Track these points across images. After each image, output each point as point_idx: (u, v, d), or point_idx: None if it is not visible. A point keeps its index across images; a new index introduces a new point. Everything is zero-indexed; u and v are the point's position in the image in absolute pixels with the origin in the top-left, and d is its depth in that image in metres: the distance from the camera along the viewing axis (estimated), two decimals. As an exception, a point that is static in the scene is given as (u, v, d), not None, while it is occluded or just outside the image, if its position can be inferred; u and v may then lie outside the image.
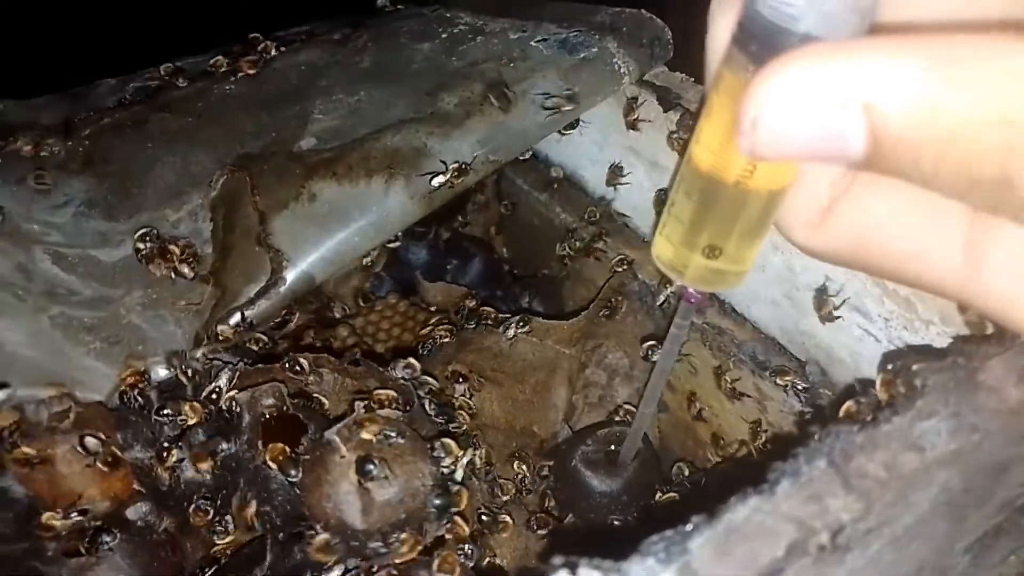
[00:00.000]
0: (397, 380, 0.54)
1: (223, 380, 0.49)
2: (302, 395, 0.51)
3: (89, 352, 0.51)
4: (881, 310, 0.48)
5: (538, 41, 0.64)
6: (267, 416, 0.49)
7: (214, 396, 0.49)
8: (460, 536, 0.47)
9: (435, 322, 0.67)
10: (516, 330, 0.64)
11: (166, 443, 0.49)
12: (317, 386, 0.52)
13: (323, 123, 0.62)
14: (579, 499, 0.57)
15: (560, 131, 0.65)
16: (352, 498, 0.47)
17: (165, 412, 0.49)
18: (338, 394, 0.53)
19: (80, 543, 0.46)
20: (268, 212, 0.57)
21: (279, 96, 0.65)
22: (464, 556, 0.47)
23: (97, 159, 0.62)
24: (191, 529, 0.49)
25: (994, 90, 0.21)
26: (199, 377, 0.51)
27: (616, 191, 0.68)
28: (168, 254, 0.55)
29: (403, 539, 0.45)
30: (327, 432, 0.48)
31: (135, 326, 0.53)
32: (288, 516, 0.49)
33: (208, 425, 0.49)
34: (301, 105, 0.64)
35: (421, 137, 0.59)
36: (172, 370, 0.51)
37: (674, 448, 0.66)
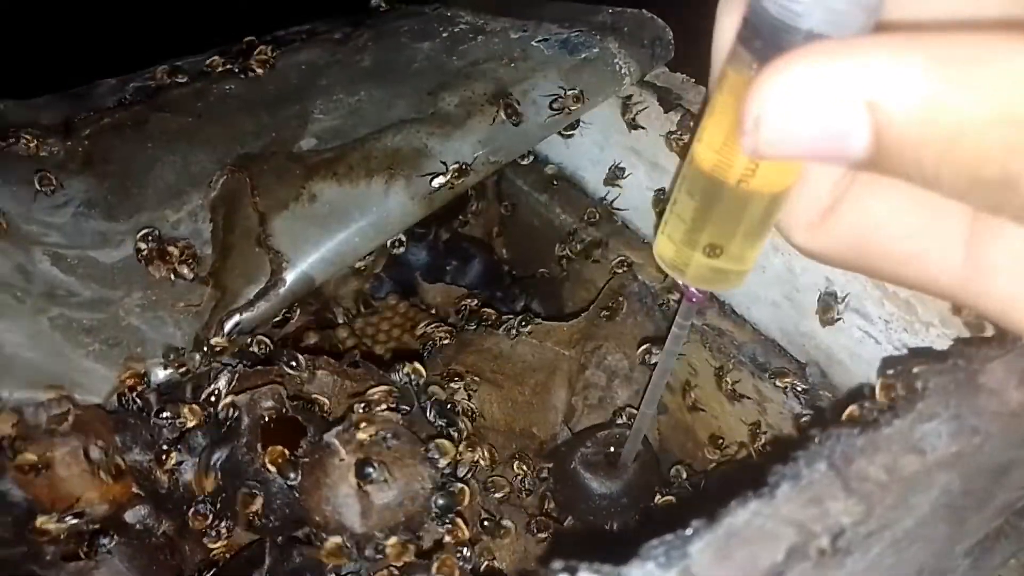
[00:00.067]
0: (400, 385, 0.54)
1: (222, 382, 0.49)
2: (301, 397, 0.51)
3: (88, 354, 0.51)
4: (881, 312, 0.48)
5: (539, 41, 0.64)
6: (266, 418, 0.49)
7: (213, 398, 0.49)
8: (460, 539, 0.47)
9: (435, 324, 0.67)
10: (518, 328, 0.64)
11: (165, 446, 0.49)
12: (316, 388, 0.52)
13: (323, 123, 0.62)
14: (579, 501, 0.57)
15: (561, 132, 0.65)
16: (351, 501, 0.46)
17: (164, 415, 0.49)
18: (337, 396, 0.53)
19: (79, 547, 0.46)
20: (268, 213, 0.57)
21: (279, 96, 0.65)
22: (463, 559, 0.47)
23: (97, 159, 0.62)
24: (190, 532, 0.49)
25: (996, 90, 0.20)
26: (198, 379, 0.51)
27: (616, 191, 0.68)
28: (168, 255, 0.55)
29: (391, 544, 0.45)
30: (326, 435, 0.48)
31: (134, 328, 0.53)
32: (287, 519, 0.49)
33: (207, 428, 0.49)
34: (301, 105, 0.63)
35: (422, 137, 0.58)
36: (171, 371, 0.51)
37: (674, 450, 0.66)
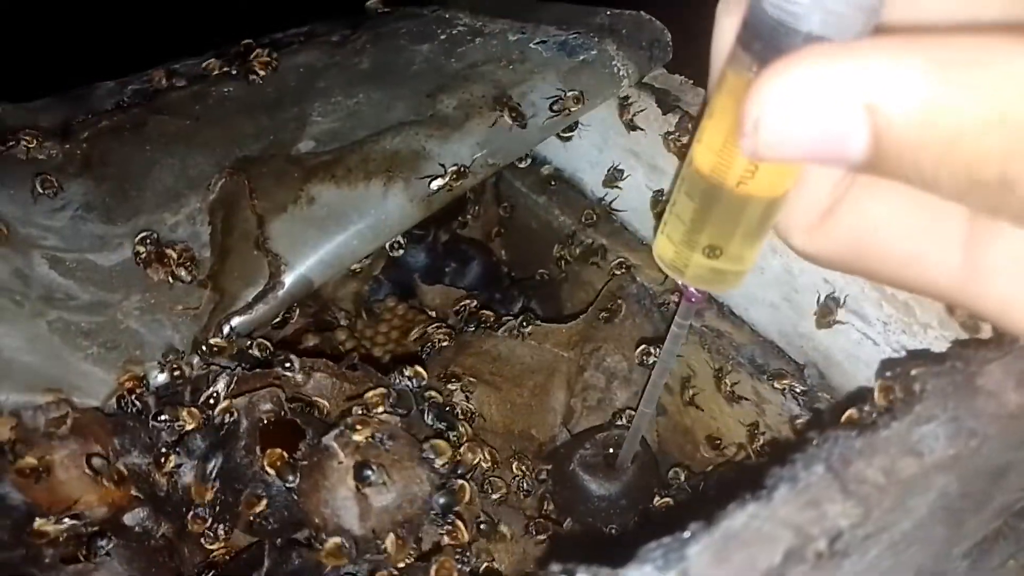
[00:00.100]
0: (397, 385, 0.54)
1: (220, 385, 0.49)
2: (300, 400, 0.51)
3: (87, 357, 0.51)
4: (880, 314, 0.48)
5: (537, 43, 0.64)
6: (265, 421, 0.49)
7: (211, 401, 0.49)
8: (459, 541, 0.47)
9: (435, 325, 0.67)
10: (520, 329, 0.64)
11: (164, 449, 0.49)
12: (315, 391, 0.52)
13: (322, 125, 0.62)
14: (577, 503, 0.57)
15: (559, 134, 0.65)
16: (350, 504, 0.47)
17: (163, 418, 0.49)
18: (336, 399, 0.53)
19: (78, 549, 0.46)
20: (266, 215, 0.57)
21: (278, 98, 0.65)
22: (462, 562, 0.47)
23: (95, 162, 0.62)
24: (189, 535, 0.49)
25: (994, 92, 0.20)
26: (197, 382, 0.51)
27: (615, 193, 0.68)
28: (166, 258, 0.55)
29: (391, 541, 0.45)
30: (325, 438, 0.48)
31: (133, 331, 0.53)
32: (286, 521, 0.49)
33: (206, 431, 0.49)
34: (300, 107, 0.63)
35: (420, 140, 0.58)
36: (169, 374, 0.51)
37: (672, 452, 0.66)
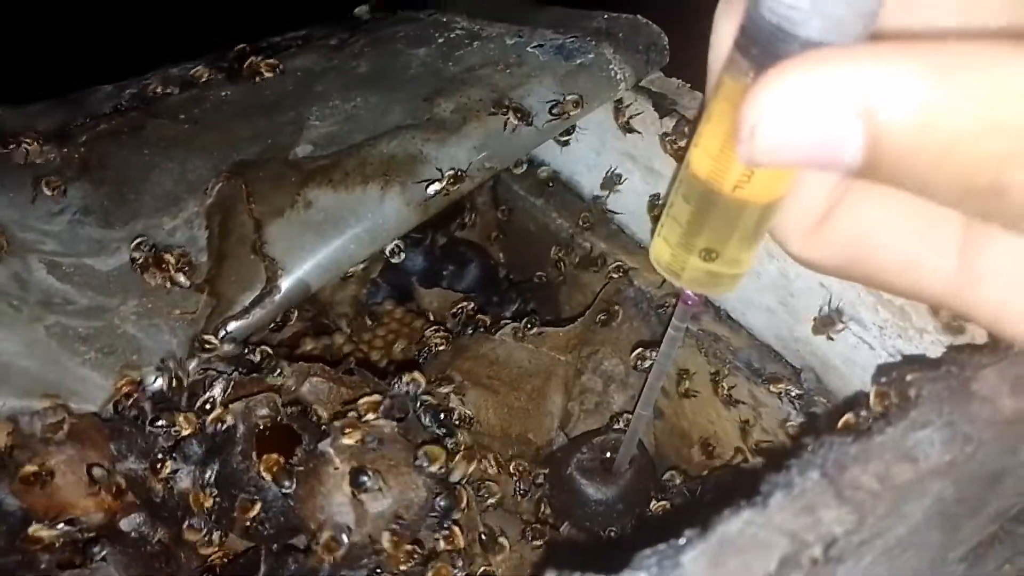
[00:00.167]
0: (393, 391, 0.54)
1: (217, 390, 0.49)
2: (297, 405, 0.51)
3: (84, 362, 0.51)
4: (875, 318, 0.48)
5: (534, 47, 0.64)
6: (261, 426, 0.49)
7: (208, 406, 0.49)
8: (455, 547, 0.47)
9: (433, 328, 0.67)
10: (524, 331, 0.64)
11: (160, 454, 0.49)
12: (312, 396, 0.52)
13: (319, 129, 0.62)
14: (574, 507, 0.57)
15: (556, 138, 0.65)
16: (345, 509, 0.47)
17: (159, 423, 0.49)
18: (332, 403, 0.52)
19: (74, 555, 0.46)
20: (264, 219, 0.57)
21: (275, 102, 0.65)
22: (456, 566, 0.47)
23: (93, 166, 0.62)
24: (185, 540, 0.49)
25: (989, 99, 0.21)
26: (194, 387, 0.51)
27: (612, 197, 0.68)
28: (163, 263, 0.55)
29: (385, 539, 0.45)
30: (321, 443, 0.48)
31: (130, 336, 0.53)
32: (282, 527, 0.49)
33: (202, 436, 0.49)
34: (297, 111, 0.63)
35: (417, 144, 0.58)
36: (165, 380, 0.51)
37: (669, 455, 0.66)
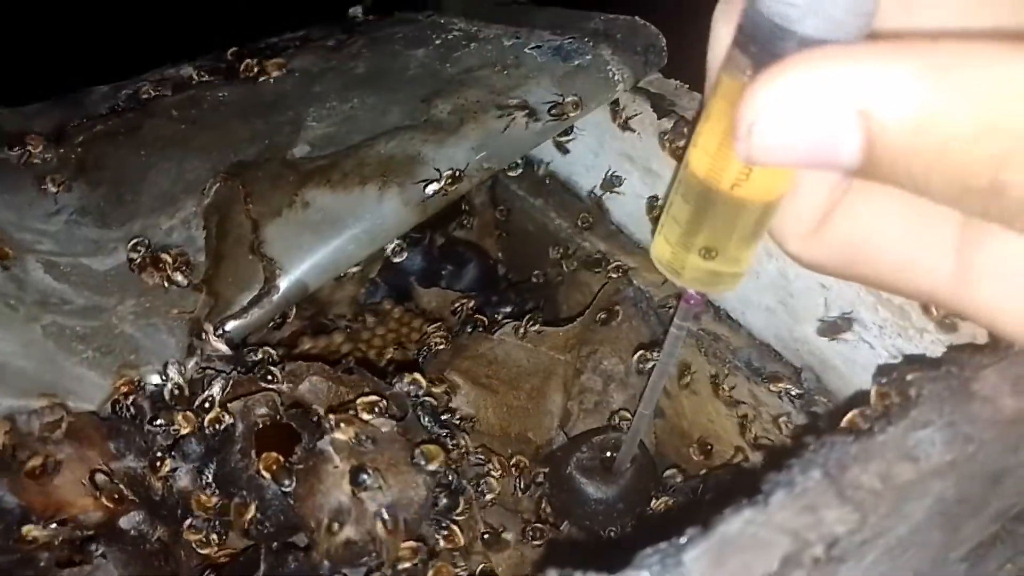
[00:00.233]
0: (392, 390, 0.54)
1: (216, 389, 0.49)
2: (296, 404, 0.51)
3: (82, 361, 0.51)
4: (875, 318, 0.48)
5: (532, 48, 0.64)
6: (260, 425, 0.49)
7: (207, 405, 0.49)
8: (456, 545, 0.47)
9: (434, 326, 0.67)
10: (527, 328, 0.64)
11: (159, 453, 0.49)
12: (311, 395, 0.52)
13: (317, 130, 0.62)
14: (575, 506, 0.57)
15: (555, 139, 0.65)
16: (345, 507, 0.46)
17: (158, 422, 0.49)
18: (331, 403, 0.52)
19: (73, 553, 0.46)
20: (261, 220, 0.57)
21: (273, 102, 0.65)
22: (459, 567, 0.47)
23: (90, 166, 0.61)
24: (184, 539, 0.49)
25: (986, 98, 0.21)
26: (192, 385, 0.51)
27: (611, 198, 0.68)
28: (161, 263, 0.55)
29: (379, 528, 0.45)
30: (320, 442, 0.48)
31: (128, 335, 0.53)
32: (282, 525, 0.49)
33: (201, 435, 0.49)
34: (295, 112, 0.63)
35: (415, 144, 0.58)
36: (164, 381, 0.51)
37: (670, 454, 0.66)
